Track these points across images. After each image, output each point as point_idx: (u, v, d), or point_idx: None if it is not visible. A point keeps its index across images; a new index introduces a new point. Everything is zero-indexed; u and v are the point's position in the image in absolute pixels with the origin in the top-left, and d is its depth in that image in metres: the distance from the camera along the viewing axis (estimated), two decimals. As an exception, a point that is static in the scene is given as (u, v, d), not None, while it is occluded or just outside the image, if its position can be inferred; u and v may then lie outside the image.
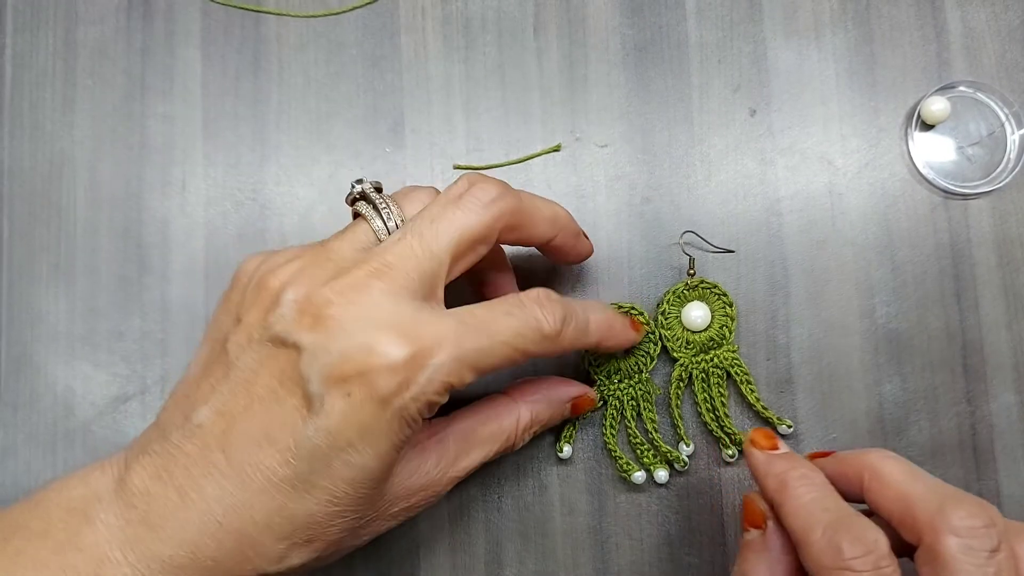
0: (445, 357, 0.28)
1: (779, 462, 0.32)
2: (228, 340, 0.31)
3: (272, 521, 0.28)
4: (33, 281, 0.41)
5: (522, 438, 0.36)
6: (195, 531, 0.28)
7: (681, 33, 0.43)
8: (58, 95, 0.42)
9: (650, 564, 0.40)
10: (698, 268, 0.41)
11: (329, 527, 0.29)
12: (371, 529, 0.32)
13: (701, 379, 0.40)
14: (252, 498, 0.28)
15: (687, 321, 0.40)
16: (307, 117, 0.43)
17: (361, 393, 0.28)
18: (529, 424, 0.36)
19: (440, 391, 0.29)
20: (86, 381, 0.41)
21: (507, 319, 0.30)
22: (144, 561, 0.28)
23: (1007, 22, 0.43)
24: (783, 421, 0.40)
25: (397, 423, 0.28)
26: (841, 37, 0.43)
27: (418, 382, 0.28)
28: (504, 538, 0.40)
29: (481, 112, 0.43)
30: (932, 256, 0.41)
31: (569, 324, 0.32)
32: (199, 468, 0.29)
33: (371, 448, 0.28)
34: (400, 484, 0.31)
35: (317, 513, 0.29)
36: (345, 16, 0.43)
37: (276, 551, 0.29)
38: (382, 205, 0.32)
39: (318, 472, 0.28)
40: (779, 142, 0.42)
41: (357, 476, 0.29)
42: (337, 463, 0.28)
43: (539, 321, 0.31)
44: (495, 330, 0.30)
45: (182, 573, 0.28)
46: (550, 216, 0.34)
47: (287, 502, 0.28)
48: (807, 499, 0.30)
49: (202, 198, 0.42)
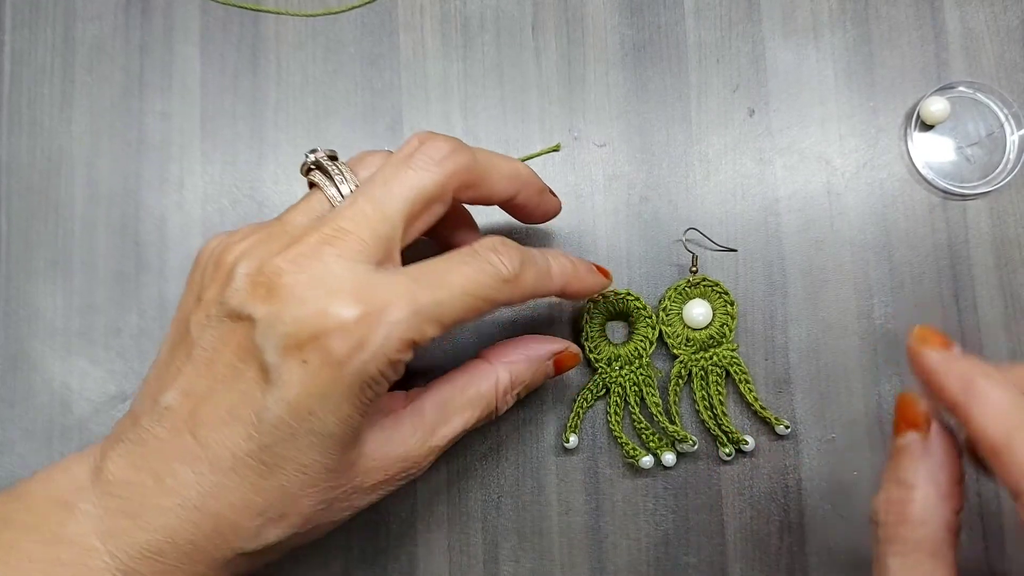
0: (400, 313, 0.28)
1: (961, 362, 0.28)
2: (190, 320, 0.30)
3: (246, 499, 0.28)
4: (30, 277, 0.41)
5: (504, 401, 0.35)
6: (173, 516, 0.28)
7: (679, 33, 0.43)
8: (56, 91, 0.43)
9: (647, 564, 0.39)
10: (697, 267, 0.41)
11: (302, 500, 0.29)
12: (349, 503, 0.31)
13: (700, 377, 0.40)
14: (223, 478, 0.28)
15: (688, 318, 0.40)
16: (305, 115, 0.43)
17: (317, 358, 0.27)
18: (509, 385, 0.35)
19: (400, 348, 0.28)
20: (83, 377, 0.41)
21: (462, 267, 0.30)
22: (123, 549, 0.28)
23: (1006, 23, 0.43)
24: (780, 421, 0.39)
25: (357, 386, 0.28)
26: (840, 37, 0.43)
27: (374, 341, 0.28)
28: (501, 537, 0.40)
29: (479, 111, 0.43)
30: (930, 256, 0.41)
31: (529, 268, 0.32)
32: (171, 452, 0.29)
33: (332, 415, 0.28)
34: (374, 454, 0.31)
35: (288, 486, 0.29)
36: (343, 15, 0.43)
37: (251, 528, 0.29)
38: (335, 172, 0.32)
39: (283, 443, 0.28)
40: (777, 142, 0.42)
41: (323, 444, 0.28)
42: (301, 433, 0.28)
43: (495, 266, 0.30)
44: (451, 280, 0.30)
45: (161, 558, 0.28)
46: (509, 172, 0.34)
47: (258, 478, 0.28)
48: (1006, 402, 0.26)
49: (200, 195, 0.42)
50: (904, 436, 0.29)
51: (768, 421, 0.40)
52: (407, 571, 0.40)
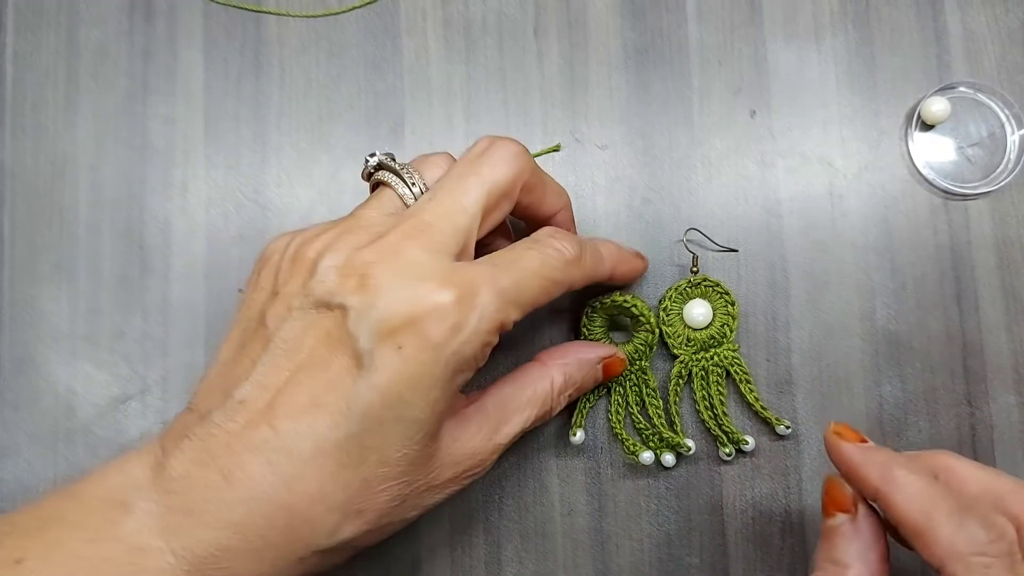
0: (489, 295, 0.29)
1: (877, 453, 0.31)
2: (266, 315, 0.30)
3: (324, 491, 0.28)
4: (35, 281, 0.41)
5: (559, 401, 0.36)
6: (242, 511, 0.28)
7: (681, 35, 0.43)
8: (60, 96, 0.43)
9: (650, 564, 0.40)
10: (697, 267, 0.41)
11: (381, 494, 0.29)
12: (420, 501, 0.31)
13: (701, 377, 0.40)
14: (302, 469, 0.28)
15: (689, 318, 0.40)
16: (308, 119, 0.43)
17: (413, 343, 0.28)
18: (563, 386, 0.36)
19: (491, 330, 0.29)
20: (87, 381, 0.41)
21: (531, 253, 0.32)
22: (188, 547, 0.27)
23: (1007, 24, 0.43)
24: (781, 421, 0.40)
25: (451, 369, 0.29)
26: (841, 39, 0.43)
27: (469, 322, 0.29)
28: (504, 538, 0.40)
29: (482, 114, 0.43)
30: (932, 258, 0.41)
31: (586, 250, 0.34)
32: (243, 445, 0.28)
33: (422, 400, 0.28)
34: (449, 448, 0.31)
35: (370, 478, 0.29)
36: (346, 18, 0.43)
37: (329, 523, 0.29)
38: (404, 171, 0.33)
39: (369, 432, 0.28)
40: (779, 144, 0.42)
41: (408, 432, 0.29)
42: (389, 420, 0.28)
43: (559, 250, 0.32)
44: (524, 264, 0.31)
45: (229, 555, 0.28)
46: (558, 189, 0.36)
47: (338, 469, 0.28)
48: (922, 487, 0.29)
49: (203, 199, 0.42)
50: (834, 518, 0.31)
51: (769, 421, 0.40)
52: (409, 572, 0.40)
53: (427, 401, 0.28)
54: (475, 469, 0.33)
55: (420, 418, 0.29)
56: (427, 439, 0.30)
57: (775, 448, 0.40)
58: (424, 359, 0.28)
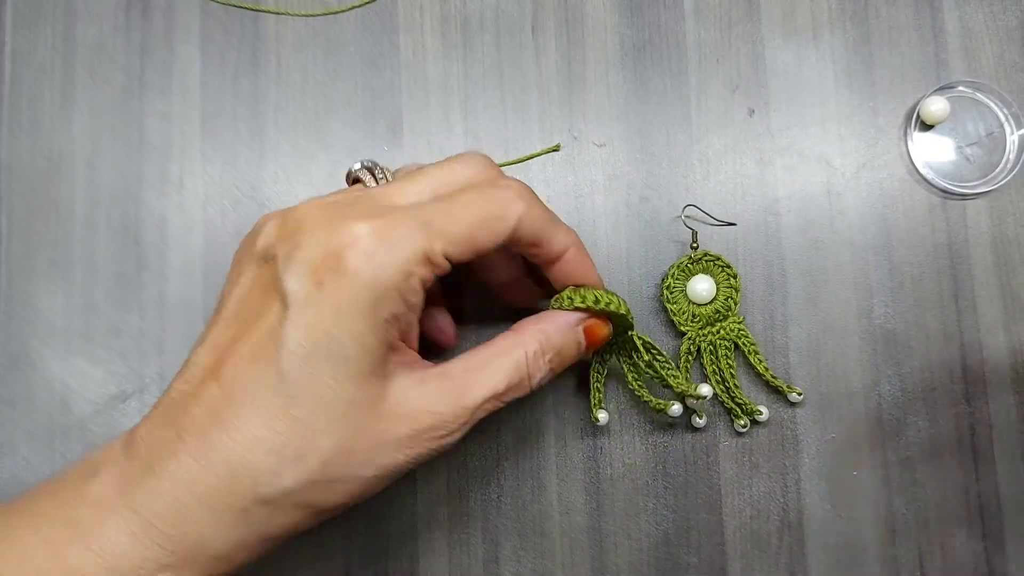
0: (410, 224, 0.29)
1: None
2: (224, 287, 0.32)
3: (261, 435, 0.28)
4: (31, 277, 0.41)
5: (536, 366, 0.34)
6: (189, 462, 0.28)
7: (679, 33, 0.43)
8: (57, 92, 0.43)
9: (648, 563, 0.40)
10: (697, 243, 0.41)
11: (320, 438, 0.29)
12: (374, 457, 0.30)
13: (709, 352, 0.40)
14: (241, 416, 0.28)
15: (693, 294, 0.40)
16: (305, 116, 0.43)
17: (331, 277, 0.28)
18: (540, 350, 0.34)
19: (412, 258, 0.29)
20: (83, 378, 0.41)
21: (470, 190, 0.32)
22: (144, 503, 0.28)
23: (1005, 23, 0.43)
24: (792, 389, 0.40)
25: (372, 299, 0.29)
26: (839, 37, 0.43)
27: (385, 250, 0.29)
28: (502, 537, 0.40)
29: (479, 111, 0.43)
30: (930, 256, 0.41)
31: (538, 201, 0.33)
32: (193, 402, 0.29)
33: (347, 334, 0.28)
34: (399, 400, 0.31)
35: (306, 419, 0.28)
36: (343, 15, 0.43)
37: (267, 468, 0.28)
38: (378, 170, 0.34)
39: (300, 371, 0.28)
40: (777, 142, 0.42)
41: (339, 370, 0.28)
42: (318, 358, 0.28)
43: (502, 187, 0.32)
44: (459, 197, 0.31)
45: (180, 507, 0.28)
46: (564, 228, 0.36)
47: (274, 412, 0.28)
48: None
49: (200, 196, 0.42)
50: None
51: (780, 389, 0.40)
52: (408, 571, 0.40)
53: (352, 335, 0.28)
54: (437, 432, 0.31)
55: (348, 354, 0.28)
56: (363, 380, 0.29)
57: (774, 447, 0.40)
58: (343, 290, 0.28)
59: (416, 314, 0.31)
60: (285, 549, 0.39)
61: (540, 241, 0.33)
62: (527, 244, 0.33)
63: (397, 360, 0.31)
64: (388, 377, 0.30)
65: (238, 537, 0.29)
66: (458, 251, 0.30)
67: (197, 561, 0.28)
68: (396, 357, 0.31)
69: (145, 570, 0.28)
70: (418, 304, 0.31)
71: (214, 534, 0.28)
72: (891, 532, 0.40)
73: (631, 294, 0.41)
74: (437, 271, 0.30)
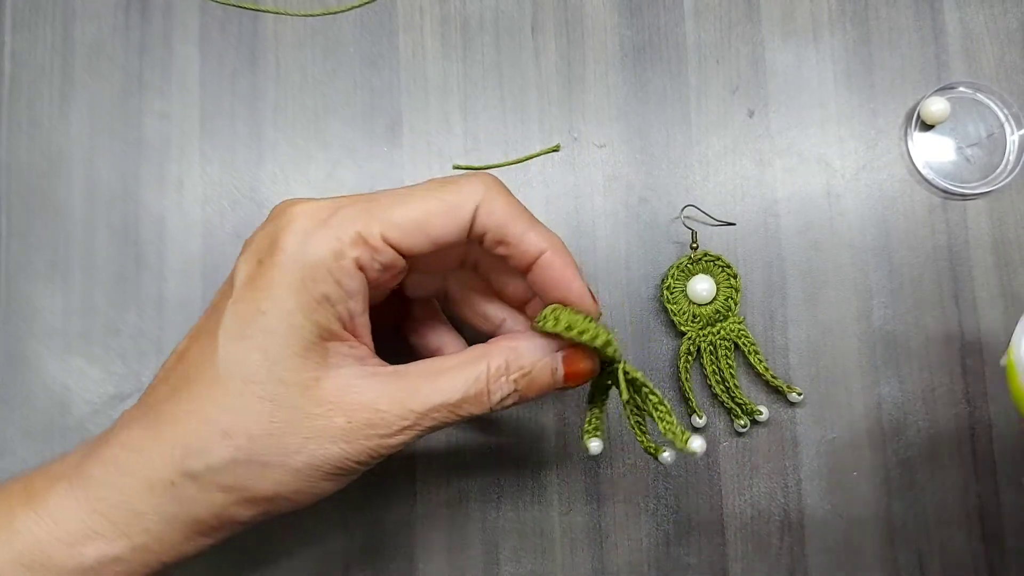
0: (349, 207, 0.29)
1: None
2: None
3: (194, 407, 0.29)
4: (30, 277, 0.41)
5: (498, 384, 0.31)
6: (137, 432, 0.30)
7: (679, 34, 0.43)
8: (56, 92, 0.42)
9: (648, 564, 0.39)
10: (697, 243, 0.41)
11: (246, 412, 0.29)
12: (305, 443, 0.29)
13: (709, 352, 0.40)
14: (189, 391, 0.29)
15: (693, 294, 0.40)
16: (304, 115, 0.43)
17: (268, 256, 0.29)
18: (504, 366, 0.31)
19: (344, 238, 0.29)
20: (82, 378, 0.40)
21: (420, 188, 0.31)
22: (87, 466, 0.30)
23: (1005, 24, 0.43)
24: (792, 389, 0.40)
25: (300, 275, 0.28)
26: (839, 38, 0.43)
27: (317, 227, 0.29)
28: (501, 538, 0.40)
29: (479, 112, 0.42)
30: (930, 258, 0.41)
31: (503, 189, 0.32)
32: (163, 381, 0.31)
33: (277, 309, 0.28)
34: (338, 391, 0.30)
35: (235, 392, 0.29)
36: (343, 15, 0.43)
37: (196, 439, 0.29)
38: None
39: (233, 347, 0.29)
40: (777, 143, 0.42)
41: (266, 345, 0.29)
42: (250, 333, 0.29)
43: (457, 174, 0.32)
44: (408, 186, 0.31)
45: (117, 474, 0.29)
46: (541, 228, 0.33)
47: (211, 387, 0.29)
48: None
49: (199, 196, 0.42)
50: None
51: (780, 390, 0.40)
52: (406, 572, 0.40)
53: (281, 313, 0.29)
54: (377, 429, 0.30)
55: (277, 331, 0.29)
56: (294, 359, 0.29)
57: (774, 447, 0.40)
58: (275, 267, 0.29)
59: (358, 302, 0.30)
60: (284, 549, 0.39)
61: (507, 237, 0.31)
62: (493, 241, 0.31)
63: (343, 350, 0.30)
64: (326, 363, 0.30)
65: (169, 512, 0.29)
66: (403, 236, 0.29)
67: (132, 533, 0.29)
68: (340, 347, 0.30)
69: (82, 534, 0.29)
70: (356, 290, 0.30)
71: (146, 504, 0.29)
72: (891, 532, 0.40)
73: (630, 295, 0.41)
74: (378, 256, 0.29)
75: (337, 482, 0.31)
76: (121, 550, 0.29)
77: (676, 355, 0.40)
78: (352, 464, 0.30)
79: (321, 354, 0.29)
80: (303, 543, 0.39)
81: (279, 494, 0.30)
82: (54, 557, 0.29)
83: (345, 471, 0.30)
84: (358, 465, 0.30)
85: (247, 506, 0.30)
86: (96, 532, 0.29)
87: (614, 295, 0.41)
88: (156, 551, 0.29)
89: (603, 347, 0.32)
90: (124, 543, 0.29)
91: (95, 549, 0.29)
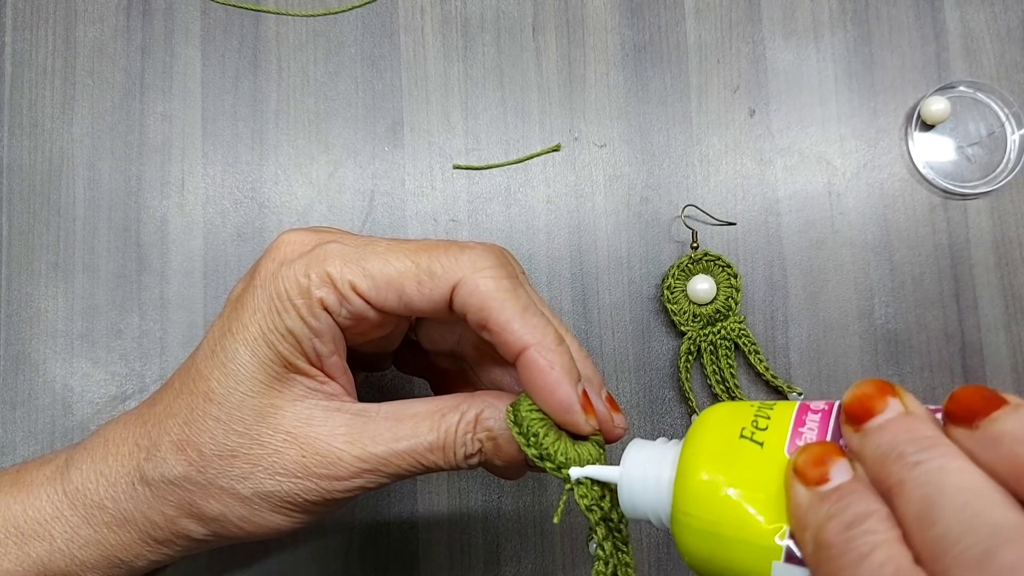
0: (338, 250, 0.28)
1: (821, 507, 0.21)
2: None
3: (163, 414, 0.30)
4: (32, 279, 0.41)
5: (461, 442, 0.28)
6: (120, 428, 0.31)
7: (680, 33, 0.43)
8: (57, 93, 0.43)
9: (649, 564, 0.40)
10: (697, 243, 0.41)
11: (201, 429, 0.29)
12: (250, 472, 0.29)
13: (709, 352, 0.40)
14: (171, 402, 0.30)
15: (693, 294, 0.40)
16: (306, 116, 0.43)
17: (250, 280, 0.30)
18: (473, 423, 0.29)
19: (316, 278, 0.28)
20: (84, 379, 0.41)
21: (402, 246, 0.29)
22: (71, 453, 0.32)
23: (1006, 23, 0.43)
24: (793, 388, 0.40)
25: (268, 305, 0.28)
26: (840, 38, 0.43)
27: (294, 262, 0.28)
28: (503, 538, 0.40)
29: (480, 112, 0.43)
30: (931, 257, 0.41)
31: (494, 255, 0.29)
32: (165, 388, 0.32)
33: (241, 333, 0.29)
34: (292, 425, 0.29)
35: (194, 407, 0.29)
36: (344, 16, 0.43)
37: (158, 447, 0.30)
38: None
39: (202, 365, 0.29)
40: (778, 142, 0.42)
41: (229, 368, 0.29)
42: (215, 354, 0.29)
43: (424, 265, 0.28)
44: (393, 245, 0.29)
45: (90, 461, 0.31)
46: (536, 320, 0.28)
47: (180, 400, 0.30)
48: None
49: (201, 197, 0.42)
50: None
51: (780, 389, 0.40)
52: (407, 572, 0.40)
53: (248, 336, 0.29)
54: (331, 468, 0.28)
55: (240, 353, 0.29)
56: (251, 384, 0.29)
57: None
58: (251, 289, 0.29)
59: (325, 343, 0.29)
60: (285, 549, 0.39)
61: (488, 323, 0.27)
62: (475, 323, 0.28)
63: (311, 384, 0.29)
64: (289, 393, 0.29)
65: (127, 511, 0.30)
66: (373, 290, 0.28)
67: (93, 522, 0.30)
68: (307, 380, 0.29)
69: (49, 514, 0.31)
70: (322, 330, 0.28)
71: (109, 499, 0.30)
72: (892, 532, 0.40)
73: (631, 294, 0.41)
74: (345, 303, 0.28)
75: (290, 518, 0.29)
76: (85, 538, 0.31)
77: (676, 355, 0.40)
78: (303, 500, 0.29)
79: (285, 384, 0.29)
80: (303, 543, 0.40)
81: (226, 518, 0.29)
82: (27, 533, 0.31)
83: (295, 507, 0.29)
84: (310, 504, 0.29)
85: (197, 523, 0.30)
86: (63, 515, 0.31)
87: (615, 294, 0.41)
88: (114, 545, 0.31)
89: (557, 468, 0.28)
90: (90, 528, 0.30)
91: (61, 530, 0.31)
